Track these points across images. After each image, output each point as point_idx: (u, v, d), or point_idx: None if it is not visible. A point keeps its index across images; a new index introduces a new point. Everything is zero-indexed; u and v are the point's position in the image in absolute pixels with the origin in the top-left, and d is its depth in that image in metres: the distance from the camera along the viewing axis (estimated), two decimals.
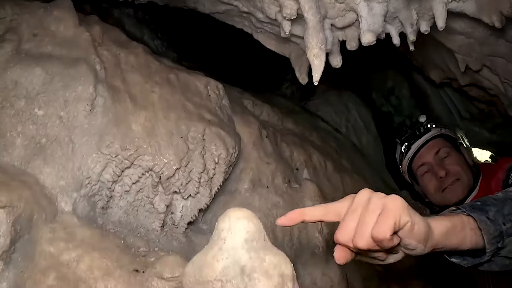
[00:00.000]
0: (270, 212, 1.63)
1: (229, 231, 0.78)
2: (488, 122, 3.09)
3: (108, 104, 1.42)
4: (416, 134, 2.17)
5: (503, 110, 2.55)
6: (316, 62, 1.50)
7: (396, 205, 0.86)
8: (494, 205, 1.12)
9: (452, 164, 2.06)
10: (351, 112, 3.11)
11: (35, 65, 1.38)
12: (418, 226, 0.89)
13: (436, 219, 0.98)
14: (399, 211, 0.86)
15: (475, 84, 2.43)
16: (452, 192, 2.03)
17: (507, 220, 1.10)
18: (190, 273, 0.79)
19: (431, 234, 0.93)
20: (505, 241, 1.08)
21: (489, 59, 2.14)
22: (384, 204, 0.87)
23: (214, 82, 1.88)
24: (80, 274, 1.10)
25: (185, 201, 1.46)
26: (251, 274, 0.73)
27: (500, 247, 1.07)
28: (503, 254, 1.09)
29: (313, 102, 3.10)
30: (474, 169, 2.12)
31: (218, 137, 1.54)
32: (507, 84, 2.23)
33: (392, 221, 0.85)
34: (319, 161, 2.16)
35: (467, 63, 2.19)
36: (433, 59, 2.49)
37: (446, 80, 2.65)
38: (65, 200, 1.27)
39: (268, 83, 3.24)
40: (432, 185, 2.09)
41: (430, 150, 2.11)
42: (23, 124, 1.31)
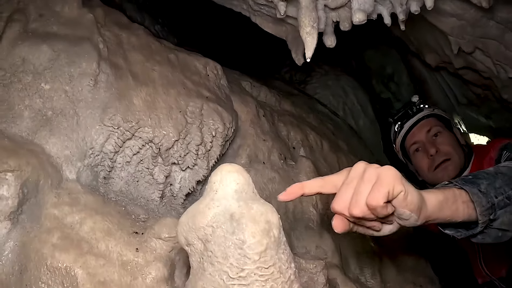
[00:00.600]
0: (266, 186, 1.70)
1: (221, 183, 0.84)
2: (484, 107, 3.13)
3: (110, 80, 1.49)
4: (408, 113, 2.22)
5: (497, 93, 2.59)
6: (309, 40, 1.56)
7: (390, 174, 0.92)
8: (486, 179, 1.17)
9: (443, 143, 2.11)
10: (349, 96, 3.16)
11: (41, 43, 1.46)
12: (411, 196, 0.93)
13: (429, 191, 1.03)
14: (393, 180, 0.91)
15: (469, 67, 2.48)
16: (443, 171, 2.08)
17: (499, 193, 1.15)
18: (184, 222, 0.86)
19: (424, 205, 0.97)
20: (497, 213, 1.12)
21: (481, 41, 2.19)
22: (379, 174, 0.92)
23: (213, 63, 1.95)
24: (83, 235, 1.17)
25: (184, 173, 1.53)
26: (239, 220, 0.79)
27: (493, 219, 1.12)
28: (496, 226, 1.14)
29: (311, 85, 3.16)
30: (466, 149, 2.17)
31: (215, 112, 1.61)
32: (500, 66, 2.27)
33: (386, 189, 0.90)
34: (315, 141, 2.22)
35: (459, 45, 2.23)
36: (427, 42, 2.54)
37: (441, 64, 2.70)
38: (70, 168, 1.34)
39: (267, 68, 3.30)
40: (424, 163, 2.14)
41: (422, 128, 2.16)
42: (31, 97, 1.38)
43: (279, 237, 0.81)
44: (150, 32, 2.03)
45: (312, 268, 1.24)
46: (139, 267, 1.12)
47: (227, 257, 0.78)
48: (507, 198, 1.15)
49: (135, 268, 1.12)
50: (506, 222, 1.15)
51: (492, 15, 2.00)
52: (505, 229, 1.15)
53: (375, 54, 3.81)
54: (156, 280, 1.10)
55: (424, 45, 2.61)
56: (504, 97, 2.46)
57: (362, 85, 3.41)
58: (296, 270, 0.84)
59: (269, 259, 0.77)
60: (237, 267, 0.77)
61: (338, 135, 2.57)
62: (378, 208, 0.90)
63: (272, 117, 2.16)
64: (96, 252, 1.13)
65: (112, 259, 1.13)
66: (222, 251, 0.79)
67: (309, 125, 2.35)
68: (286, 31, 2.06)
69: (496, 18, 2.00)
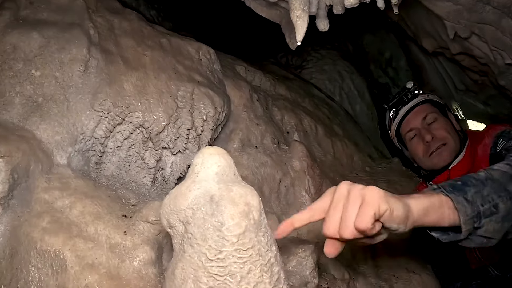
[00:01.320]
0: (258, 171, 1.70)
1: (202, 165, 0.85)
2: (481, 93, 3.11)
3: (101, 65, 1.49)
4: (403, 99, 2.22)
5: (494, 80, 2.57)
6: (299, 23, 1.55)
7: (374, 196, 0.95)
8: (474, 186, 1.17)
9: (439, 129, 2.10)
10: (345, 81, 3.15)
11: (32, 30, 1.47)
12: (397, 211, 0.97)
13: (415, 198, 1.05)
14: (377, 201, 0.94)
15: (465, 52, 2.45)
16: (439, 157, 2.08)
17: (486, 201, 1.15)
18: (166, 204, 0.87)
19: (410, 214, 1.01)
20: (482, 221, 1.13)
21: (478, 26, 2.16)
22: (363, 196, 0.95)
23: (206, 47, 1.94)
24: (73, 219, 1.18)
25: (174, 157, 1.54)
26: (219, 202, 0.80)
27: (477, 227, 1.13)
28: (480, 234, 1.15)
29: (307, 70, 3.14)
30: (461, 134, 2.17)
31: (206, 96, 1.61)
32: (496, 52, 2.24)
33: (372, 212, 0.93)
34: (310, 126, 2.22)
35: (456, 30, 2.21)
36: (424, 27, 2.51)
37: (438, 49, 2.67)
38: (60, 154, 1.35)
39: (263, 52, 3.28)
40: (420, 150, 2.14)
41: (418, 115, 2.15)
42: (21, 84, 1.39)
43: (259, 219, 0.82)
44: (145, 17, 2.02)
45: (301, 252, 1.25)
46: (126, 250, 1.13)
47: (206, 239, 0.79)
48: (494, 206, 1.16)
49: (123, 251, 1.13)
50: (491, 230, 1.16)
51: (489, 0, 1.97)
52: (490, 237, 1.17)
53: (373, 39, 3.79)
54: (143, 263, 1.12)
55: (420, 30, 2.59)
56: (501, 83, 2.43)
57: (359, 70, 3.39)
58: (277, 253, 0.85)
59: (248, 241, 0.78)
60: (215, 249, 0.78)
61: (334, 119, 2.56)
62: (367, 230, 0.94)
63: (266, 101, 2.15)
64: (85, 236, 1.15)
65: (100, 242, 1.14)
66: (201, 233, 0.79)
67: (304, 109, 2.35)
68: (280, 15, 2.05)
69: (492, 3, 1.97)
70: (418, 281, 1.67)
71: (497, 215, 1.15)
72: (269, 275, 0.80)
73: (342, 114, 2.84)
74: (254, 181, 1.67)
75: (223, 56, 2.42)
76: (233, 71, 2.23)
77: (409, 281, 1.66)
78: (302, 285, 1.20)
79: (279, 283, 0.82)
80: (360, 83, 3.23)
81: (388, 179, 2.24)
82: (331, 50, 3.27)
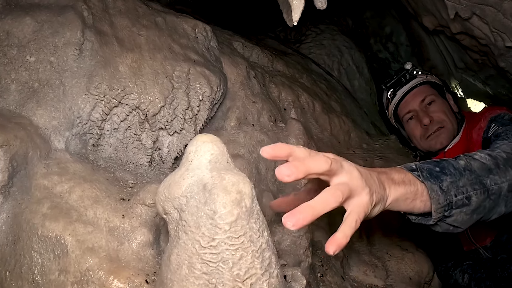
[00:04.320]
0: (255, 149, 1.71)
1: (196, 153, 0.87)
2: (481, 73, 3.07)
3: (95, 48, 1.49)
4: (401, 80, 2.21)
5: (494, 61, 2.54)
6: (295, 2, 1.53)
7: (356, 205, 0.98)
8: (451, 175, 1.19)
9: (437, 111, 2.10)
10: (344, 56, 3.12)
11: (25, 15, 1.46)
12: (373, 210, 1.03)
13: (393, 183, 1.08)
14: (358, 210, 0.98)
15: (466, 32, 2.42)
16: (436, 139, 2.09)
17: (460, 192, 1.18)
18: (161, 191, 0.89)
19: (382, 203, 1.05)
20: (453, 211, 1.17)
21: (479, 7, 2.12)
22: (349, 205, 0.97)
23: (202, 24, 1.92)
24: (72, 204, 1.20)
25: (171, 137, 1.55)
26: (211, 190, 0.82)
27: (447, 215, 1.17)
28: (448, 222, 1.20)
29: (306, 45, 3.11)
30: (459, 116, 2.17)
31: (202, 76, 1.61)
32: (497, 34, 2.21)
33: (355, 221, 0.97)
34: (307, 102, 2.22)
35: (456, 10, 2.17)
36: (425, 5, 2.47)
37: (439, 27, 2.63)
38: (58, 138, 1.36)
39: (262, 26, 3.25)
40: (417, 132, 2.15)
41: (416, 97, 2.15)
42: (16, 71, 1.39)
43: (251, 206, 0.84)
44: None
45: (295, 232, 1.28)
46: (125, 232, 1.16)
47: (199, 226, 0.81)
48: (467, 198, 1.19)
49: (121, 234, 1.16)
50: (459, 221, 1.20)
51: None
52: (457, 226, 1.20)
53: (374, 14, 3.73)
54: (141, 245, 1.15)
55: (421, 8, 2.54)
56: (501, 65, 2.40)
57: (359, 45, 3.35)
58: (268, 239, 0.88)
59: (240, 229, 0.81)
60: (208, 237, 0.80)
61: (332, 95, 2.56)
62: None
63: (263, 78, 2.15)
64: (84, 220, 1.17)
65: (99, 225, 1.17)
66: (195, 220, 0.82)
67: (301, 86, 2.35)
68: None
69: None
70: (410, 259, 1.71)
71: (468, 207, 1.19)
72: (260, 261, 0.83)
73: (340, 89, 2.84)
74: (251, 159, 1.68)
75: (220, 32, 2.40)
76: (230, 47, 2.22)
77: (401, 259, 1.69)
78: (296, 264, 1.23)
79: (270, 267, 0.85)
80: (359, 58, 3.20)
81: (385, 156, 2.25)
82: (330, 25, 3.23)
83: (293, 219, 0.84)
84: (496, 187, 1.25)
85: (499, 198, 1.26)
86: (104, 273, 1.09)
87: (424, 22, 2.62)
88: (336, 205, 0.93)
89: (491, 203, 1.25)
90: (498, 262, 1.98)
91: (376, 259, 1.63)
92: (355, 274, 1.54)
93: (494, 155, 1.34)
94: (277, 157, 0.91)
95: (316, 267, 1.40)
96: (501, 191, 1.26)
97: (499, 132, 1.75)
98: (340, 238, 0.92)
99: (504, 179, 1.28)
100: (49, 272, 1.11)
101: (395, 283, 1.60)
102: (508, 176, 1.29)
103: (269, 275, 0.85)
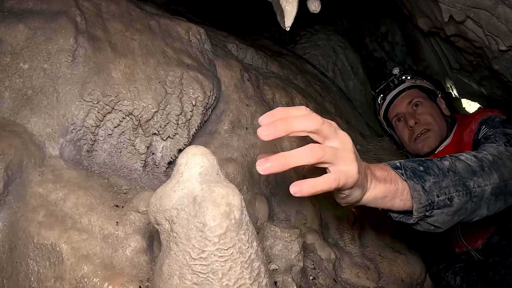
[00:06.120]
0: (248, 152, 1.73)
1: (186, 166, 0.88)
2: (476, 73, 3.09)
3: (89, 54, 1.50)
4: (390, 85, 2.23)
5: (488, 63, 2.55)
6: (288, 8, 1.54)
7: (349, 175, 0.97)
8: (435, 175, 1.19)
9: (424, 113, 2.11)
10: (339, 56, 3.13)
11: (18, 22, 1.46)
12: (353, 192, 1.04)
13: (374, 184, 1.08)
14: (342, 177, 0.97)
15: (460, 35, 2.43)
16: (423, 142, 2.10)
17: (442, 193, 1.18)
18: (153, 203, 0.90)
19: (362, 192, 1.06)
20: (434, 211, 1.18)
21: (473, 11, 2.13)
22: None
23: (196, 27, 1.93)
24: (67, 211, 1.22)
25: (165, 142, 1.57)
26: (201, 203, 0.84)
27: (428, 215, 1.18)
28: (429, 222, 1.20)
29: (301, 45, 3.12)
30: (449, 119, 2.18)
31: (195, 81, 1.62)
32: (491, 38, 2.21)
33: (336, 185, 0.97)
34: (301, 104, 2.23)
35: (451, 13, 2.18)
36: (420, 7, 2.48)
37: (434, 29, 2.64)
38: (52, 145, 1.38)
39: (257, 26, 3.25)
40: (405, 134, 2.17)
41: (404, 100, 2.17)
42: (10, 78, 1.40)
43: (240, 218, 0.86)
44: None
45: (287, 237, 1.30)
46: (119, 239, 1.18)
47: (190, 238, 0.83)
48: (449, 199, 1.19)
49: (115, 241, 1.18)
50: (440, 221, 1.20)
51: None
52: (438, 226, 1.21)
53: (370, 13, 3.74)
54: (135, 252, 1.16)
55: (416, 9, 2.55)
56: (495, 67, 2.41)
57: (354, 45, 3.36)
58: (258, 249, 0.89)
59: (229, 240, 0.83)
60: (198, 249, 0.82)
61: (326, 96, 2.57)
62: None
63: (257, 80, 2.16)
64: (79, 227, 1.19)
65: (94, 233, 1.19)
66: (185, 233, 0.84)
67: (295, 87, 2.36)
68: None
69: None
70: (403, 261, 1.73)
71: (450, 208, 1.19)
72: (249, 271, 0.85)
73: (335, 90, 2.85)
74: (244, 163, 1.70)
75: (214, 33, 2.41)
76: (224, 49, 2.22)
77: (394, 261, 1.71)
78: (287, 269, 1.25)
79: (259, 277, 0.87)
80: (354, 59, 3.21)
81: (379, 157, 2.27)
82: (325, 25, 3.24)
83: (263, 165, 0.87)
84: (479, 190, 1.26)
85: (481, 200, 1.27)
86: (99, 280, 1.11)
87: (419, 24, 2.63)
88: (313, 162, 0.92)
89: (473, 205, 1.25)
90: (489, 265, 2.00)
91: (369, 261, 1.66)
92: (347, 277, 1.56)
93: (480, 157, 1.35)
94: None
95: (308, 270, 1.42)
96: (484, 194, 1.27)
97: (489, 135, 1.76)
98: (307, 186, 0.92)
99: (487, 182, 1.28)
100: (45, 279, 1.13)
101: (387, 285, 1.62)
102: (492, 180, 1.29)
103: (258, 284, 0.87)
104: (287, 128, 0.90)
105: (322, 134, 0.93)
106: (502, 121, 1.85)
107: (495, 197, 1.31)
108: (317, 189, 0.93)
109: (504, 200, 1.34)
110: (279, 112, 0.93)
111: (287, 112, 0.93)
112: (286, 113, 0.93)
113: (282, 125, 0.90)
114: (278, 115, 0.92)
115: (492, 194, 1.29)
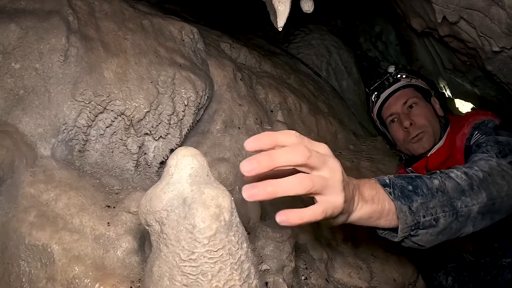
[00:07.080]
0: (240, 152, 1.73)
1: (176, 167, 0.88)
2: (469, 74, 3.09)
3: (81, 54, 1.49)
4: (385, 84, 2.22)
5: (482, 64, 2.56)
6: (280, 8, 1.54)
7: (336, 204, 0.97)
8: (423, 196, 1.19)
9: (419, 115, 2.10)
10: (333, 56, 3.13)
11: (10, 22, 1.46)
12: (337, 219, 1.04)
13: (361, 205, 1.07)
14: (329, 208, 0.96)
15: (454, 36, 2.43)
16: (418, 143, 2.10)
17: (429, 213, 1.18)
18: (143, 204, 0.90)
19: (347, 215, 1.06)
20: (419, 231, 1.18)
21: (466, 11, 2.12)
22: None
23: (189, 27, 1.93)
24: (58, 212, 1.22)
25: (157, 142, 1.57)
26: (191, 205, 0.84)
27: (413, 235, 1.18)
28: (413, 240, 1.21)
29: (295, 44, 3.12)
30: (443, 120, 2.18)
31: (188, 81, 1.62)
32: (484, 39, 2.21)
33: (321, 212, 0.95)
34: (294, 104, 2.24)
35: (444, 14, 2.18)
36: (413, 7, 2.48)
37: (427, 29, 2.64)
38: (44, 145, 1.37)
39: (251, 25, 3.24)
40: (400, 135, 2.16)
41: (398, 100, 2.16)
42: (1, 78, 1.40)
43: (230, 220, 0.86)
44: None
45: (279, 237, 1.31)
46: (110, 240, 1.18)
47: (179, 240, 0.83)
48: (435, 220, 1.19)
49: (107, 242, 1.18)
50: (424, 240, 1.20)
51: None
52: (421, 245, 1.22)
53: (364, 13, 3.74)
54: (126, 252, 1.17)
55: (410, 10, 2.55)
56: (488, 68, 2.40)
57: (348, 44, 3.36)
58: (248, 250, 0.90)
59: (219, 242, 0.83)
60: (188, 250, 0.82)
61: (319, 96, 2.58)
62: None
63: (250, 80, 2.16)
64: (70, 228, 1.19)
65: (85, 233, 1.19)
66: (175, 234, 0.84)
67: (288, 87, 2.36)
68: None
69: None
70: (395, 261, 1.73)
71: (435, 229, 1.19)
72: (239, 272, 0.85)
73: (328, 90, 2.85)
74: (236, 163, 1.70)
75: (208, 32, 2.40)
76: (217, 49, 2.22)
77: (386, 261, 1.72)
78: (279, 269, 1.26)
79: (248, 278, 0.87)
80: (348, 58, 3.21)
81: (372, 157, 2.28)
82: (319, 25, 3.24)
83: (249, 191, 0.84)
84: (466, 210, 1.25)
85: (467, 220, 1.27)
86: (90, 280, 1.11)
87: (412, 24, 2.63)
88: (302, 193, 0.90)
89: (459, 224, 1.25)
90: (481, 265, 2.01)
91: (361, 261, 1.66)
92: (340, 276, 1.57)
93: (470, 174, 1.34)
94: (262, 149, 0.89)
95: (300, 270, 1.42)
96: (471, 213, 1.27)
97: (480, 142, 1.74)
98: (294, 217, 0.90)
99: (475, 201, 1.28)
100: (37, 280, 1.13)
101: (379, 285, 1.63)
102: (480, 199, 1.29)
103: (248, 285, 0.87)
104: (271, 164, 0.86)
105: (309, 166, 0.90)
106: (495, 127, 1.83)
107: (482, 216, 1.31)
108: (304, 221, 0.92)
109: (490, 218, 1.34)
110: (265, 137, 0.89)
111: (274, 138, 0.89)
112: (273, 139, 0.89)
113: (266, 160, 0.86)
114: (264, 140, 0.89)
115: (479, 213, 1.29)
